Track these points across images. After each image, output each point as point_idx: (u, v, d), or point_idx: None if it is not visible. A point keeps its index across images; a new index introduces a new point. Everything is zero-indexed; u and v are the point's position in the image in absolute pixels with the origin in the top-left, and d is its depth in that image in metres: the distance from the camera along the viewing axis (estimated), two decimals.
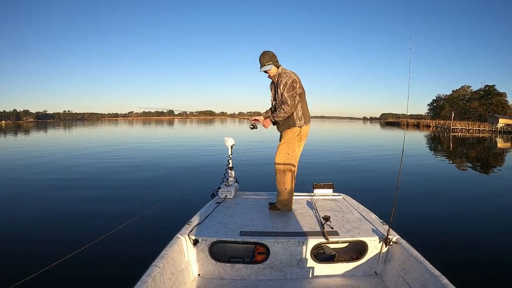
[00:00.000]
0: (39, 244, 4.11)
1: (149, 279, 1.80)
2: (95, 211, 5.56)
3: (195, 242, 2.39)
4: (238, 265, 2.44)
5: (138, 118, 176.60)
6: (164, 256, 2.09)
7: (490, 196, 7.40)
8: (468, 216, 5.50)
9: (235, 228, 2.58)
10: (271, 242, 2.41)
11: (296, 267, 2.44)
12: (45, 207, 5.71)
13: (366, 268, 2.48)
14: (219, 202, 3.22)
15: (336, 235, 2.49)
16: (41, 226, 4.82)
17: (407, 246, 2.31)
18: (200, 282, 2.35)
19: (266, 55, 2.88)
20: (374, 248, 2.47)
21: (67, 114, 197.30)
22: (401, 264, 2.26)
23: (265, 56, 2.88)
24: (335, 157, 13.07)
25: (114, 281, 3.16)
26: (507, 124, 52.69)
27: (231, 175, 3.61)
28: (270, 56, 2.88)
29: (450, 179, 9.30)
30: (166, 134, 30.93)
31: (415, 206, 5.90)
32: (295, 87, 2.83)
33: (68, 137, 27.59)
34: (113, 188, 7.43)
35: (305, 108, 2.98)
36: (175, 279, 2.13)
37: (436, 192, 7.32)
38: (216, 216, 2.85)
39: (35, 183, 7.96)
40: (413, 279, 2.08)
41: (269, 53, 2.89)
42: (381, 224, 2.71)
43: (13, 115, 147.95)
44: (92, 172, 9.39)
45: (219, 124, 61.39)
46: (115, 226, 4.62)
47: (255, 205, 3.19)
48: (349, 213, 3.01)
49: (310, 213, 2.98)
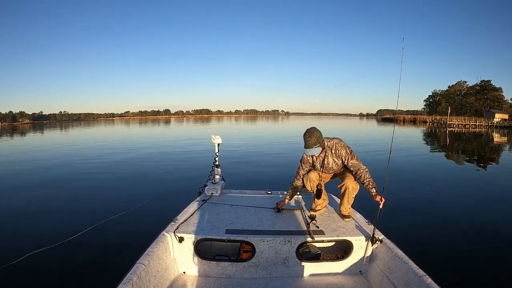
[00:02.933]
0: (16, 236, 4.23)
1: (134, 276, 1.80)
2: (77, 206, 5.61)
3: (180, 240, 2.38)
4: (224, 263, 2.43)
5: (134, 118, 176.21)
6: (150, 254, 2.08)
7: (484, 192, 7.35)
8: (455, 216, 5.39)
9: (221, 226, 2.57)
10: (256, 241, 2.41)
11: (282, 265, 2.43)
12: (22, 202, 5.69)
13: (351, 267, 2.49)
14: (205, 200, 3.20)
15: (322, 234, 2.50)
16: (19, 220, 4.90)
17: (392, 245, 2.32)
18: (185, 279, 2.34)
19: (313, 137, 2.70)
20: (359, 248, 2.47)
21: (63, 115, 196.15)
22: (385, 263, 2.27)
23: (312, 137, 2.70)
24: None
25: (98, 278, 3.13)
26: (503, 119, 52.98)
27: (217, 173, 3.59)
28: (317, 138, 2.72)
29: (440, 177, 9.16)
30: (161, 133, 30.87)
31: (401, 205, 5.80)
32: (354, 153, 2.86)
33: (65, 138, 27.44)
34: (99, 185, 7.44)
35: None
36: (161, 276, 2.12)
37: (423, 191, 7.19)
38: (202, 213, 2.84)
39: (17, 182, 7.96)
40: (398, 279, 2.08)
41: (316, 133, 2.73)
42: (366, 223, 2.72)
43: (9, 117, 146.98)
44: (80, 170, 9.36)
45: (215, 122, 61.42)
46: (99, 221, 4.64)
47: (241, 203, 3.17)
48: (335, 212, 3.01)
49: (296, 212, 2.97)
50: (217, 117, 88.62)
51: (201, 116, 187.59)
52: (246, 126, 45.51)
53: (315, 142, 2.69)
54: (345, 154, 2.82)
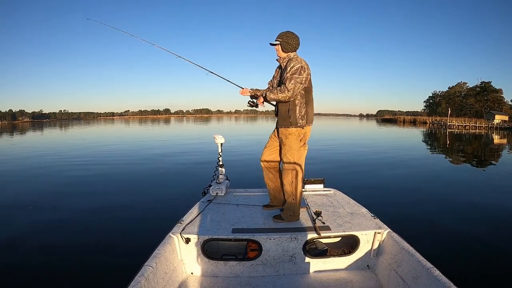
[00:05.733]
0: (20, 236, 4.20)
1: (142, 279, 1.80)
2: (82, 210, 5.52)
3: (187, 241, 2.38)
4: (231, 263, 2.44)
5: (134, 117, 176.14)
6: (157, 256, 2.09)
7: (483, 188, 7.45)
8: (459, 210, 5.52)
9: (227, 226, 2.58)
10: (263, 239, 2.41)
11: (289, 262, 2.44)
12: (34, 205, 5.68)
13: (358, 262, 2.49)
14: (211, 200, 3.20)
15: (328, 230, 2.50)
16: (26, 220, 4.84)
17: (399, 239, 2.32)
18: (193, 280, 2.35)
19: (282, 33, 2.65)
20: (366, 242, 2.48)
21: (63, 113, 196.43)
22: (393, 257, 2.27)
23: (281, 33, 2.66)
24: (327, 153, 13.08)
25: (105, 281, 3.13)
26: (503, 121, 53.00)
27: (221, 173, 3.60)
28: (283, 35, 2.64)
29: (444, 173, 9.33)
30: (161, 132, 30.88)
31: (406, 199, 5.93)
32: (302, 73, 2.56)
33: (66, 138, 27.42)
34: (102, 187, 7.36)
35: (311, 106, 2.70)
36: (168, 278, 2.13)
37: (428, 185, 7.33)
38: (207, 214, 2.84)
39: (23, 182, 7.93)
40: (405, 272, 2.08)
41: (287, 33, 2.65)
42: (372, 218, 2.72)
43: (9, 115, 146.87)
44: (80, 170, 9.34)
45: (215, 122, 61.35)
46: (104, 224, 4.64)
47: (247, 202, 3.18)
48: (340, 207, 3.01)
49: (301, 209, 2.96)
50: (217, 117, 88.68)
51: (201, 115, 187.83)
52: (246, 126, 45.45)
53: (279, 36, 2.66)
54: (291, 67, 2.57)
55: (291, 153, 2.68)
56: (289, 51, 2.69)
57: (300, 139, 2.68)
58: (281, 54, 2.71)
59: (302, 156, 2.73)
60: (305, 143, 2.74)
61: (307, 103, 2.66)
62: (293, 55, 2.68)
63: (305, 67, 2.59)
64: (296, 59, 2.62)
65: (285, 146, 2.70)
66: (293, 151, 2.68)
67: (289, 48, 2.67)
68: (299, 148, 2.69)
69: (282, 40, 2.64)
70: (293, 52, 2.71)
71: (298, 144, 2.68)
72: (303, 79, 2.57)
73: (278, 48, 2.68)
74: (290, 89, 2.53)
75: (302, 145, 2.70)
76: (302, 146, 2.71)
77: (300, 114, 2.64)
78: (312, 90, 2.73)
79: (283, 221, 2.69)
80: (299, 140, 2.68)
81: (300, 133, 2.67)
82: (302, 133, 2.67)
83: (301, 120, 2.65)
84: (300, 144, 2.69)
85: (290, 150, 2.68)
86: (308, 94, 2.68)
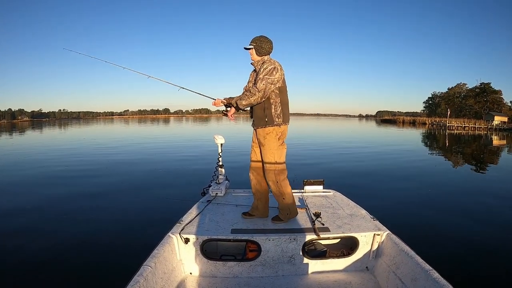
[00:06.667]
0: (20, 237, 4.16)
1: (141, 278, 1.80)
2: (81, 209, 5.51)
3: (186, 241, 2.38)
4: (230, 263, 2.43)
5: (133, 117, 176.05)
6: (156, 255, 2.09)
7: (483, 190, 7.44)
8: (459, 211, 5.52)
9: (226, 226, 2.58)
10: (262, 239, 2.42)
11: (288, 263, 2.44)
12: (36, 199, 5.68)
13: (358, 264, 2.49)
14: (210, 200, 3.21)
15: (327, 231, 2.50)
16: (21, 220, 4.82)
17: (398, 241, 2.32)
18: (192, 280, 2.35)
19: (256, 38, 2.71)
20: (365, 244, 2.48)
21: (63, 113, 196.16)
22: (392, 259, 2.27)
23: (255, 38, 2.71)
24: (325, 154, 13.10)
25: (104, 281, 3.12)
26: (502, 122, 53.11)
27: (221, 173, 3.60)
28: (257, 40, 2.69)
29: (444, 175, 9.35)
30: (161, 132, 30.87)
31: (406, 200, 5.93)
32: (274, 74, 2.59)
33: (65, 138, 27.39)
34: (101, 187, 7.31)
35: (286, 105, 2.73)
36: (167, 278, 2.13)
37: (428, 186, 7.34)
38: (207, 214, 2.84)
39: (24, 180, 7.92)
40: (404, 274, 2.08)
41: (261, 38, 2.70)
42: (372, 219, 2.72)
43: (8, 115, 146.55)
44: (80, 171, 9.31)
45: (214, 122, 61.35)
46: (103, 224, 4.63)
47: (246, 202, 3.17)
48: (340, 209, 3.02)
49: (300, 210, 2.97)
50: (216, 117, 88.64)
51: (200, 115, 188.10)
52: (246, 126, 45.43)
53: (253, 40, 2.69)
54: (264, 69, 2.61)
55: (271, 152, 2.70)
56: (263, 55, 2.74)
57: (279, 137, 2.70)
58: (255, 58, 2.75)
59: (283, 155, 2.75)
60: (283, 142, 2.76)
61: (282, 103, 2.70)
62: (266, 58, 2.74)
63: (278, 68, 2.64)
64: (270, 61, 2.68)
65: (264, 146, 2.71)
66: (273, 150, 2.70)
67: (263, 52, 2.72)
68: (278, 147, 2.71)
69: (256, 44, 2.70)
70: (266, 56, 2.76)
71: (277, 143, 2.70)
72: (274, 80, 2.61)
73: (252, 52, 2.74)
74: (261, 89, 2.56)
75: (280, 144, 2.73)
76: (281, 145, 2.73)
77: (276, 112, 2.66)
78: (287, 91, 2.78)
79: (282, 221, 2.70)
80: (277, 139, 2.70)
81: (277, 131, 2.69)
82: (279, 131, 2.70)
83: (277, 119, 2.67)
84: (279, 142, 2.71)
85: (270, 150, 2.70)
86: (283, 94, 2.72)
